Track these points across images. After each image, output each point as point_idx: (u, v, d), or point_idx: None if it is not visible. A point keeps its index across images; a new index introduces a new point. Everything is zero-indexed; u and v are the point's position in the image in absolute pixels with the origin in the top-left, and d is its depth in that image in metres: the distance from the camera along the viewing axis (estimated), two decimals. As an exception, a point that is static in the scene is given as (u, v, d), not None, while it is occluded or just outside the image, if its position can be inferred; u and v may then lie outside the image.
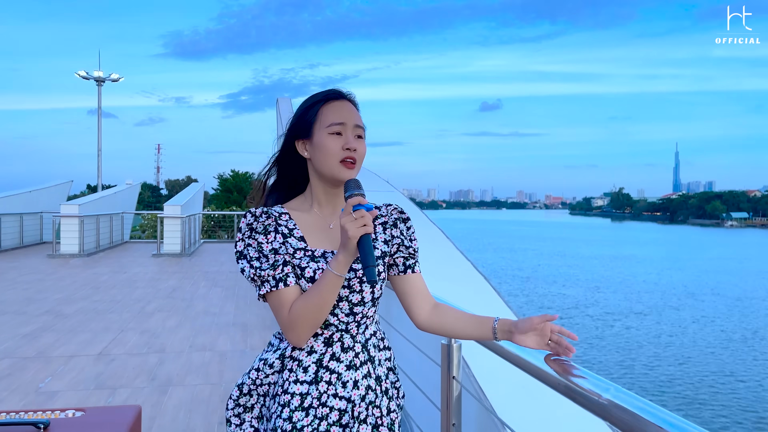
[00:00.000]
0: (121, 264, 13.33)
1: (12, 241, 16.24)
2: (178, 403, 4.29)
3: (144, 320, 7.16)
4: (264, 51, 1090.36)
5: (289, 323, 1.37)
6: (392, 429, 1.49)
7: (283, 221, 1.46)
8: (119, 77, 36.31)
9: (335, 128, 1.42)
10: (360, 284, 1.42)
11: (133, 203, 23.17)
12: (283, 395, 1.40)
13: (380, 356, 1.51)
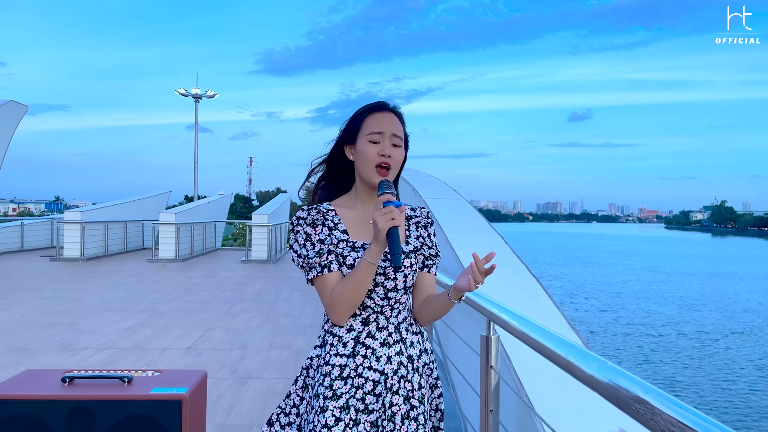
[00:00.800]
0: (212, 269, 14.17)
1: (117, 247, 17.62)
2: (255, 394, 4.63)
3: (230, 320, 7.66)
4: (351, 65, 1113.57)
5: (330, 303, 1.59)
6: (423, 403, 1.67)
7: (330, 216, 1.69)
8: (215, 94, 38.44)
9: (374, 137, 1.63)
10: (394, 272, 1.63)
11: (225, 213, 24.44)
12: (325, 366, 1.62)
13: (412, 338, 1.70)
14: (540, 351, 1.76)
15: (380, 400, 1.59)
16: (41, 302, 8.73)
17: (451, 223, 4.12)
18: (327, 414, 1.56)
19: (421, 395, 1.66)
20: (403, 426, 1.61)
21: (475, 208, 4.66)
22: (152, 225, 17.47)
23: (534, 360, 2.18)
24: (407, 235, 1.71)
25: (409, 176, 6.25)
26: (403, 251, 1.65)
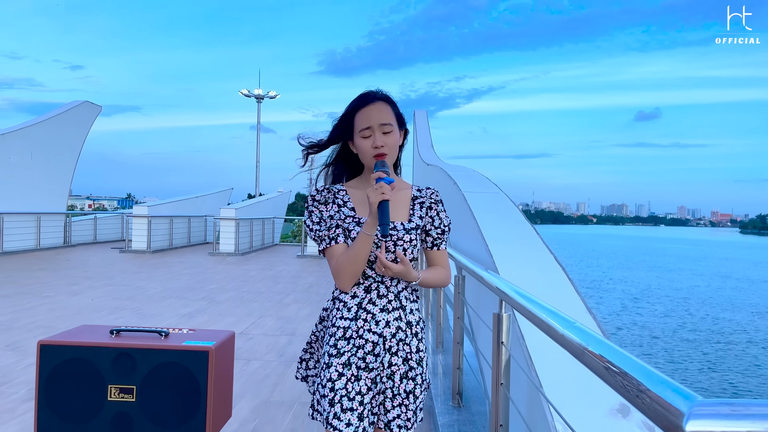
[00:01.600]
0: (268, 262, 14.67)
1: (181, 240, 18.44)
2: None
3: (281, 309, 8.00)
4: (411, 66, 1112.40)
5: (335, 271, 1.79)
6: (420, 365, 1.83)
7: (340, 196, 1.88)
8: (276, 94, 39.41)
9: (364, 132, 1.81)
10: (394, 247, 1.80)
11: (284, 210, 25.09)
12: (332, 328, 1.81)
13: (412, 306, 1.87)
14: (544, 329, 1.89)
15: (379, 359, 1.77)
16: (109, 289, 9.34)
17: (486, 214, 4.24)
18: (331, 369, 1.75)
19: (419, 358, 1.82)
20: (401, 385, 1.79)
21: (536, 210, 4.67)
22: (214, 220, 18.20)
23: (545, 339, 2.31)
24: (411, 213, 1.88)
25: (452, 171, 6.38)
26: (399, 224, 1.82)
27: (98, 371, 1.70)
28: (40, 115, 17.24)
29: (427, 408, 4.20)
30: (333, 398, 1.73)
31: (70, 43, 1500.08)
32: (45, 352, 1.73)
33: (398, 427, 1.79)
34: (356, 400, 1.73)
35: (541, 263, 3.43)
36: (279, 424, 3.81)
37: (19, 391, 4.26)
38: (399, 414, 1.79)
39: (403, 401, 1.79)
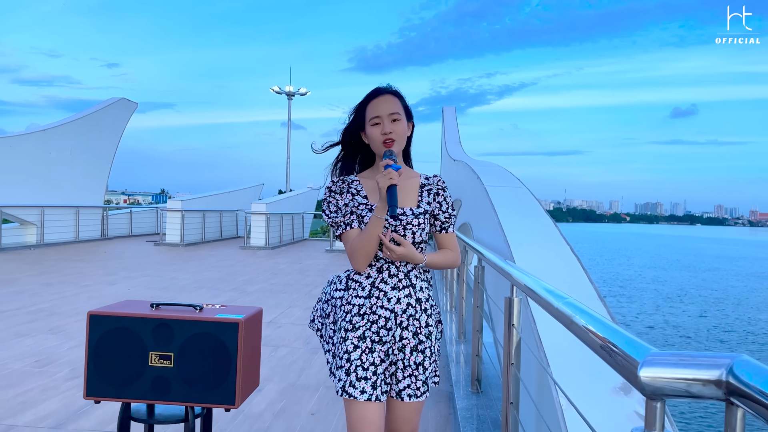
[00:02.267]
0: (297, 256, 14.95)
1: (213, 234, 18.88)
2: (323, 362, 5.07)
3: (309, 300, 8.21)
4: (442, 62, 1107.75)
5: (350, 253, 1.95)
6: (429, 338, 1.98)
7: (354, 185, 2.04)
8: (307, 91, 39.79)
9: (374, 120, 1.96)
10: (404, 230, 1.95)
11: (313, 205, 25.42)
12: (347, 305, 1.97)
13: (422, 284, 2.01)
14: (543, 306, 2.02)
15: (391, 333, 1.92)
16: (145, 279, 9.69)
17: (506, 207, 4.36)
18: (347, 342, 1.92)
19: (428, 332, 1.97)
20: (411, 356, 1.94)
21: (568, 208, 4.73)
22: (245, 215, 18.58)
23: (553, 322, 2.44)
24: (419, 200, 2.02)
25: (476, 166, 6.49)
26: (408, 210, 1.97)
27: (140, 339, 1.90)
28: (79, 112, 17.82)
29: (447, 393, 4.35)
30: (349, 368, 1.89)
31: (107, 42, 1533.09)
32: (94, 322, 1.93)
33: (408, 396, 1.94)
34: (370, 370, 1.89)
35: (558, 254, 3.54)
36: (305, 406, 4.00)
37: (62, 371, 4.54)
38: (409, 384, 1.94)
39: (413, 372, 1.94)
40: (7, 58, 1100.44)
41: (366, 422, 1.87)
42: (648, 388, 0.99)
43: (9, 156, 14.52)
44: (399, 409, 1.97)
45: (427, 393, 1.99)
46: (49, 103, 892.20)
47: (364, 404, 1.87)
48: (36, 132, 15.58)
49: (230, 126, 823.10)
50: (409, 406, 1.96)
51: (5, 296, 7.57)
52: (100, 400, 1.93)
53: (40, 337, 5.55)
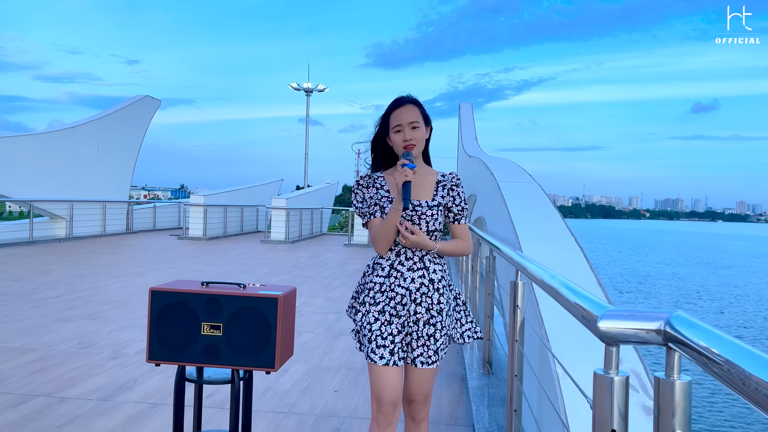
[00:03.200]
0: (317, 250, 15.32)
1: (234, 228, 19.33)
2: (344, 346, 5.40)
3: (330, 291, 8.56)
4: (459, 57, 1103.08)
5: (373, 239, 2.26)
6: (441, 314, 2.28)
7: (379, 181, 2.35)
8: (325, 88, 40.12)
9: (397, 128, 2.27)
10: (418, 220, 2.26)
11: (331, 200, 25.79)
12: (370, 284, 2.29)
13: (435, 267, 2.31)
14: (543, 287, 2.31)
15: (406, 308, 2.23)
16: (172, 271, 10.11)
17: (516, 202, 4.64)
18: (370, 315, 2.23)
19: (440, 308, 2.27)
20: (424, 329, 2.24)
21: (587, 204, 4.93)
22: (265, 210, 18.99)
23: (553, 303, 2.72)
24: (434, 193, 2.32)
25: (490, 162, 6.76)
26: (423, 202, 2.27)
27: (194, 311, 2.22)
28: (106, 110, 18.36)
29: (460, 375, 4.65)
30: (371, 337, 2.21)
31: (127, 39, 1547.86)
32: (155, 297, 2.26)
33: (421, 363, 2.24)
34: (388, 339, 2.20)
35: (563, 246, 3.82)
36: (328, 384, 4.33)
37: (104, 352, 4.92)
38: (422, 352, 2.24)
39: (425, 342, 2.24)
40: (30, 55, 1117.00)
41: (385, 383, 2.18)
42: (605, 336, 1.29)
43: (40, 152, 15.05)
44: (414, 375, 2.28)
45: (438, 362, 2.29)
46: (71, 99, 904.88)
47: (383, 368, 2.18)
48: (65, 129, 16.11)
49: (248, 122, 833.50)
50: (423, 372, 2.26)
51: (43, 285, 8.00)
52: (159, 363, 2.26)
53: (79, 322, 5.95)
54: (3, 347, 4.92)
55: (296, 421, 3.61)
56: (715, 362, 1.09)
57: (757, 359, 0.98)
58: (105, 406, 3.69)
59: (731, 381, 0.99)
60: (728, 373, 1.01)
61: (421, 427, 2.36)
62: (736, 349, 1.05)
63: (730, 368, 1.02)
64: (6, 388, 3.94)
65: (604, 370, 1.33)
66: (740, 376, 0.95)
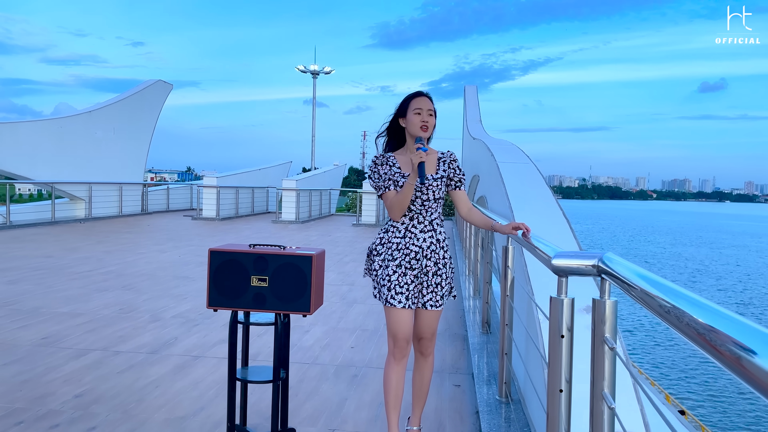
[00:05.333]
0: (327, 229, 15.89)
1: (246, 209, 19.92)
2: (357, 312, 5.98)
3: (342, 266, 9.13)
4: (466, 37, 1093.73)
5: (389, 208, 2.80)
6: (445, 267, 2.81)
7: (391, 160, 2.88)
8: (331, 70, 40.38)
9: (417, 110, 2.78)
10: (427, 190, 2.79)
11: (339, 182, 26.31)
12: (388, 243, 2.82)
13: (440, 229, 2.85)
14: (523, 245, 2.84)
15: (419, 262, 2.77)
16: (191, 248, 10.70)
17: (513, 180, 5.15)
18: (389, 269, 2.77)
19: (445, 263, 2.81)
20: (432, 279, 2.78)
21: (593, 185, 5.33)
22: (276, 191, 19.55)
23: (538, 264, 3.24)
24: (437, 167, 2.85)
25: (491, 144, 7.27)
26: (431, 176, 2.80)
27: (244, 267, 2.76)
28: (120, 94, 18.88)
29: (462, 335, 5.21)
30: (390, 286, 2.75)
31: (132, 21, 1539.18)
32: (213, 256, 2.80)
33: (430, 306, 2.79)
34: (404, 287, 2.74)
35: (551, 217, 4.35)
36: (345, 342, 4.91)
37: (144, 316, 5.51)
38: (431, 298, 2.79)
39: (434, 289, 2.78)
40: (35, 37, 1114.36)
41: (401, 322, 2.73)
42: (556, 270, 1.83)
43: (59, 136, 15.62)
44: (424, 316, 2.82)
45: (443, 306, 2.83)
46: (77, 82, 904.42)
47: (400, 310, 2.73)
48: (82, 113, 16.65)
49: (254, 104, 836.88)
50: (431, 313, 2.81)
51: (75, 261, 8.61)
52: (217, 309, 2.82)
53: (116, 292, 6.54)
54: (53, 312, 5.52)
55: (320, 369, 4.18)
56: (632, 287, 1.61)
57: (657, 284, 1.47)
58: (154, 358, 4.28)
59: (644, 300, 1.47)
60: (641, 294, 1.50)
61: (428, 359, 2.93)
62: (646, 278, 1.56)
63: (642, 290, 1.50)
64: (65, 344, 4.53)
65: (557, 295, 1.87)
66: (646, 295, 1.45)
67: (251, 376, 2.98)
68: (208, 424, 3.18)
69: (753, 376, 0.82)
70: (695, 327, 1.07)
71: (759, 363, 0.81)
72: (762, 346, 0.84)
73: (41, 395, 3.51)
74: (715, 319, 1.01)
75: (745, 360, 0.84)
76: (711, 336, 0.98)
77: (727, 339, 0.92)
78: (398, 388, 2.81)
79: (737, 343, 0.89)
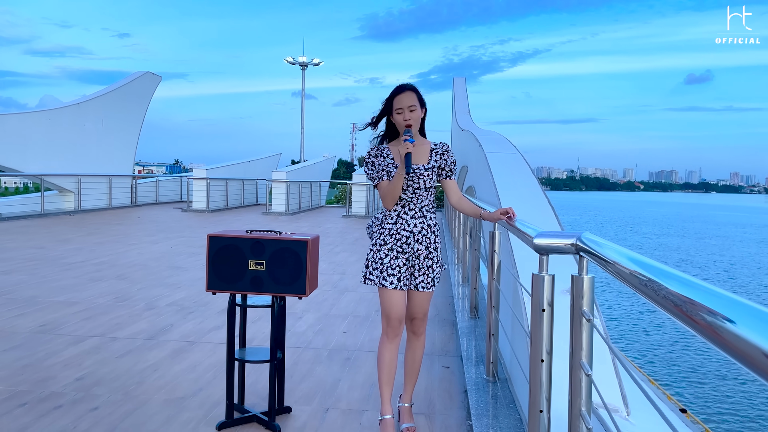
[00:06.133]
0: (317, 221, 16.00)
1: (235, 201, 19.96)
2: (349, 299, 6.11)
3: (333, 257, 9.25)
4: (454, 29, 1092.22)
5: (383, 196, 2.92)
6: (436, 251, 2.94)
7: (385, 152, 2.99)
8: (320, 61, 40.31)
9: (398, 110, 2.89)
10: (418, 180, 2.91)
11: (329, 174, 26.39)
12: (381, 229, 2.95)
13: (431, 215, 2.98)
14: (509, 229, 2.98)
15: (410, 246, 2.89)
16: (183, 239, 10.77)
17: (500, 169, 5.29)
18: (381, 253, 2.90)
19: (435, 246, 2.94)
20: (424, 263, 2.91)
21: (581, 176, 5.47)
22: (266, 183, 19.60)
23: (524, 246, 3.37)
24: (429, 158, 2.97)
25: (479, 135, 7.41)
26: (421, 166, 2.92)
27: (242, 251, 2.88)
28: (108, 86, 18.81)
29: (451, 320, 5.36)
30: (382, 269, 2.88)
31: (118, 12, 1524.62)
32: (212, 241, 2.92)
33: (422, 287, 2.91)
34: (396, 269, 2.87)
35: (536, 203, 4.49)
36: (338, 327, 5.04)
37: (140, 304, 5.60)
38: (422, 280, 2.91)
39: (425, 272, 2.91)
40: (20, 29, 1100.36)
41: (393, 303, 2.87)
42: (538, 248, 1.97)
43: (47, 128, 15.57)
44: (416, 297, 2.95)
45: (434, 288, 2.96)
46: (62, 74, 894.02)
47: (392, 291, 2.86)
48: (71, 105, 16.60)
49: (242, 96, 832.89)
50: (423, 294, 2.94)
51: (68, 252, 8.67)
52: (216, 292, 2.93)
53: (111, 281, 6.62)
54: (49, 301, 5.60)
55: (314, 353, 4.32)
56: (608, 263, 1.74)
57: (632, 259, 1.60)
58: (151, 344, 4.39)
59: (620, 275, 1.59)
60: (617, 269, 1.62)
61: (420, 338, 3.06)
62: (620, 253, 1.69)
63: (615, 265, 1.63)
64: (63, 331, 4.62)
65: (539, 272, 2.01)
66: (620, 269, 1.57)
67: (249, 356, 3.11)
68: (207, 403, 3.30)
69: (729, 344, 0.83)
70: (672, 299, 1.10)
71: (734, 330, 0.82)
72: (737, 314, 0.85)
73: (43, 378, 3.61)
74: (690, 291, 1.04)
75: (720, 328, 0.86)
76: (687, 307, 1.01)
77: (702, 308, 0.94)
78: (391, 366, 2.95)
79: (713, 312, 0.90)
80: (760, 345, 0.74)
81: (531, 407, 2.05)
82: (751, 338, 0.78)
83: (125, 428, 2.97)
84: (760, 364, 0.75)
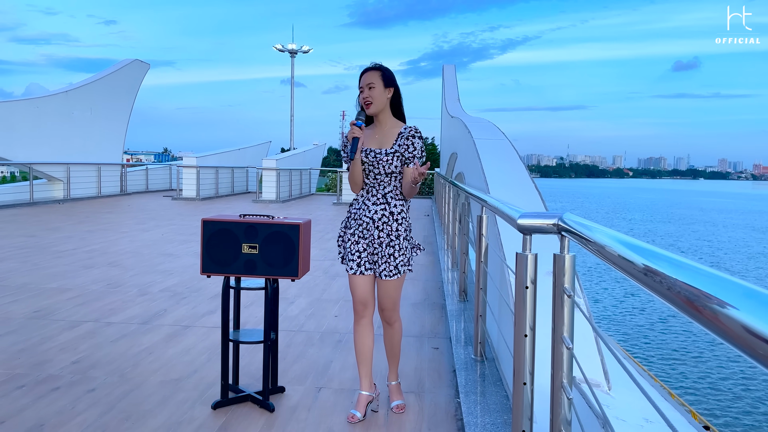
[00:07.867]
0: (308, 209, 16.04)
1: (226, 189, 19.95)
2: (340, 285, 6.19)
3: (323, 243, 9.32)
4: (444, 16, 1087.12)
5: (349, 182, 2.99)
6: (398, 238, 2.95)
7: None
8: (309, 49, 40.09)
9: (360, 89, 2.94)
10: (377, 165, 2.93)
11: (319, 161, 26.38)
12: (347, 213, 3.03)
13: (395, 203, 2.97)
14: (495, 211, 3.06)
15: (370, 232, 2.93)
16: (173, 227, 10.79)
17: (488, 155, 5.37)
18: (345, 237, 2.98)
19: (398, 234, 2.95)
20: (385, 250, 2.92)
21: (571, 163, 5.52)
22: (256, 170, 19.59)
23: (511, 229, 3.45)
24: (394, 142, 2.96)
25: (469, 122, 7.48)
26: (385, 151, 2.93)
27: (235, 235, 2.94)
28: (96, 74, 18.67)
29: (441, 304, 5.46)
30: (344, 254, 2.97)
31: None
32: (206, 225, 2.98)
33: (385, 276, 2.94)
34: (356, 254, 2.93)
35: (523, 187, 4.59)
36: (329, 311, 5.12)
37: (132, 290, 5.66)
38: (385, 268, 2.94)
39: (387, 260, 2.93)
40: (4, 16, 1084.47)
41: (355, 286, 2.95)
42: (521, 228, 2.05)
43: (35, 116, 15.46)
44: (381, 286, 2.99)
45: (398, 275, 2.95)
46: (48, 61, 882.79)
47: (353, 276, 2.95)
48: (59, 93, 16.48)
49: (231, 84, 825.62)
50: (387, 283, 2.96)
51: (59, 240, 8.68)
52: (210, 275, 3.00)
53: (103, 268, 6.66)
54: (42, 288, 5.64)
55: (306, 336, 4.40)
56: (589, 241, 1.82)
57: (611, 236, 1.68)
58: (145, 328, 4.45)
59: (600, 252, 1.66)
60: (597, 247, 1.69)
61: (394, 326, 3.11)
62: (600, 232, 1.77)
63: (595, 244, 1.70)
64: (57, 317, 4.68)
65: (522, 251, 2.10)
66: (599, 248, 1.65)
67: (243, 337, 3.19)
68: (202, 384, 3.38)
69: (707, 315, 0.79)
70: (645, 272, 1.10)
71: (715, 307, 0.77)
72: (714, 287, 0.81)
73: (39, 362, 3.67)
74: (668, 267, 1.02)
75: (699, 302, 0.82)
76: (657, 277, 1.01)
77: (678, 284, 0.91)
78: (363, 345, 3.03)
79: (690, 288, 0.87)
80: (737, 315, 0.72)
81: (515, 380, 2.14)
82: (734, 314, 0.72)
83: (122, 408, 3.04)
84: (731, 332, 0.71)
